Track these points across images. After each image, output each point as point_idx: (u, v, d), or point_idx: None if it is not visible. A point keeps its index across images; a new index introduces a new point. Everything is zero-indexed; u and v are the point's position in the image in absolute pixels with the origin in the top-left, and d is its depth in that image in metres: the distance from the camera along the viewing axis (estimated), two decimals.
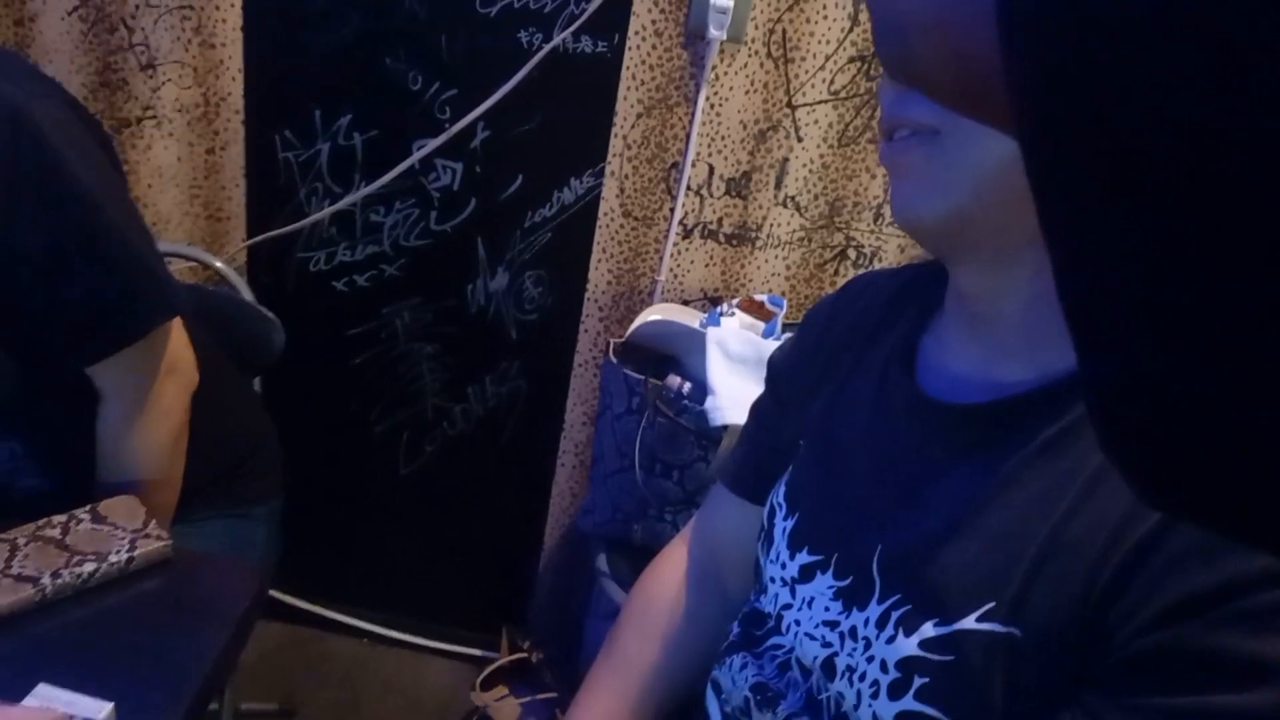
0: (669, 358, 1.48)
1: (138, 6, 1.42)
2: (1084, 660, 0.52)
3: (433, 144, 1.50)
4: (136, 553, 0.89)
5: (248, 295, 1.50)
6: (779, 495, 0.76)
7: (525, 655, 1.69)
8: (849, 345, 0.76)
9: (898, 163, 0.58)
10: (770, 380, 0.86)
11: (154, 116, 1.49)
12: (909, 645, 0.58)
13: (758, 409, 0.88)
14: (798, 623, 0.69)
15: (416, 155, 1.51)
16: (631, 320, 1.56)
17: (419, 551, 1.89)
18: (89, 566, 0.86)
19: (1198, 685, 0.47)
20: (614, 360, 1.47)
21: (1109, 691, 0.51)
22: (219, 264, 1.51)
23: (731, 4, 1.35)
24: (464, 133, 1.49)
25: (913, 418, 0.66)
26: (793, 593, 0.70)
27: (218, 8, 1.43)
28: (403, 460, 1.80)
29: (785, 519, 0.73)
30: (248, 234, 1.59)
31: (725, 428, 1.32)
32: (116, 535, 0.91)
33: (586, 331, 1.65)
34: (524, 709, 1.68)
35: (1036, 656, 0.53)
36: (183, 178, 1.54)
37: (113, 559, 0.87)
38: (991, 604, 0.55)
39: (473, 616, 1.91)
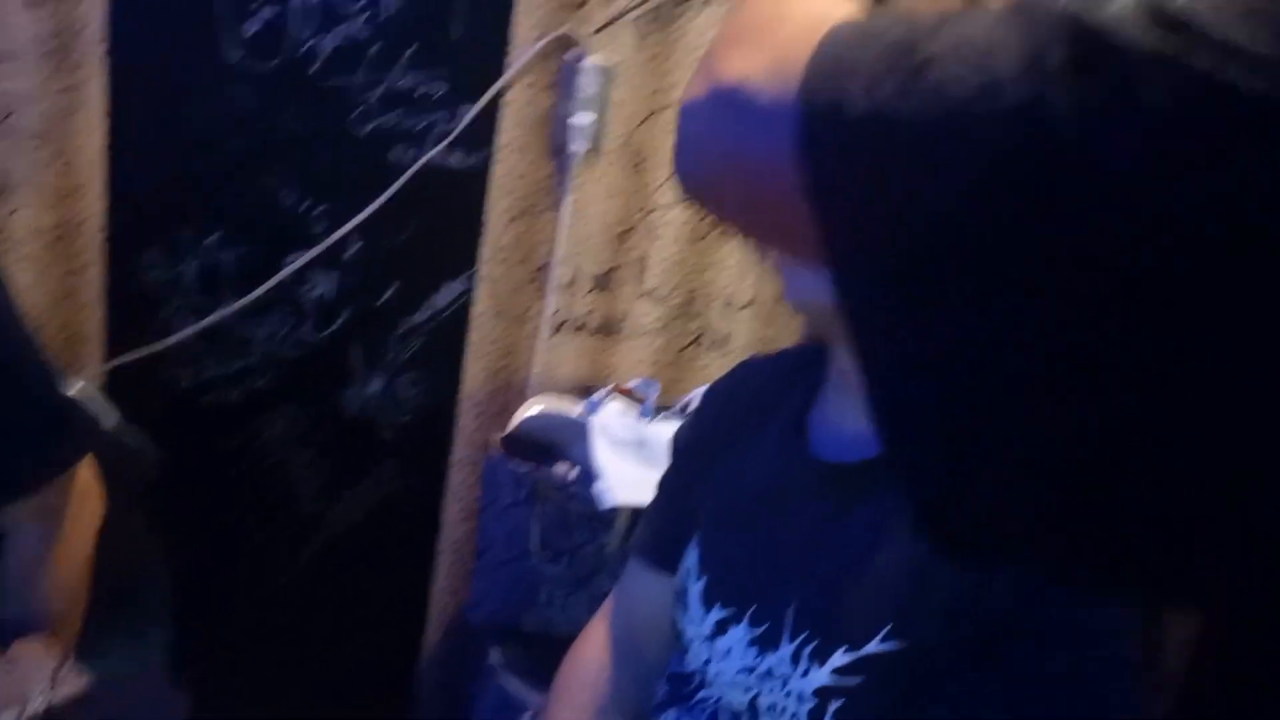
0: (551, 447, 1.56)
1: None
2: (968, 653, 0.63)
3: (305, 257, 1.53)
4: (57, 695, 0.87)
5: (113, 417, 1.45)
6: (690, 560, 0.84)
7: None
8: (746, 419, 0.87)
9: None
10: (675, 455, 0.96)
11: (4, 242, 1.44)
12: (823, 675, 0.68)
13: (664, 483, 0.96)
14: (720, 673, 0.77)
15: (288, 269, 1.54)
16: (507, 416, 1.62)
17: (297, 666, 1.84)
18: (9, 716, 0.84)
19: (1069, 650, 0.59)
20: (498, 455, 1.53)
21: (991, 667, 0.62)
22: (80, 387, 1.46)
23: (591, 120, 1.48)
24: (338, 244, 1.54)
25: (807, 478, 0.77)
26: (711, 647, 0.79)
27: (78, 133, 1.42)
28: (277, 571, 1.76)
29: (697, 580, 0.82)
30: (109, 355, 1.55)
31: (615, 509, 1.41)
32: (32, 679, 0.88)
33: (463, 429, 1.70)
34: None
35: (930, 663, 0.64)
36: (37, 302, 1.49)
37: (34, 704, 0.85)
38: (890, 625, 0.65)
39: None
